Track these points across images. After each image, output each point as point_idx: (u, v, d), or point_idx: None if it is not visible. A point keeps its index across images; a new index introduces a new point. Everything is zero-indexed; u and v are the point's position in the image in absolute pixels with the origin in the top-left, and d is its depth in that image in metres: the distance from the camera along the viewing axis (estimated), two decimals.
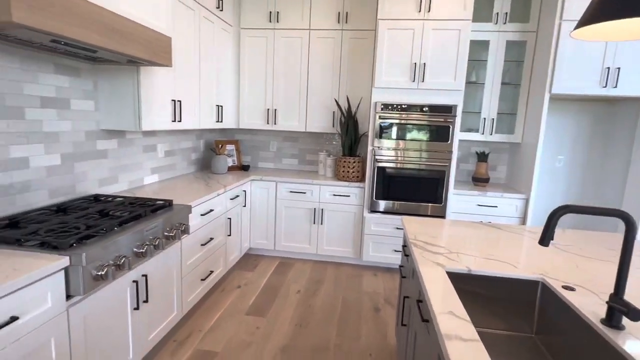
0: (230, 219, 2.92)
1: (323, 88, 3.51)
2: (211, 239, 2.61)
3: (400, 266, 2.05)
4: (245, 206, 3.31)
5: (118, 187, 2.44)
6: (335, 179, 3.41)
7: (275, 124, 3.61)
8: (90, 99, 2.14)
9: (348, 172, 3.33)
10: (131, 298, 1.73)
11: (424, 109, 3.07)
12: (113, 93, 2.18)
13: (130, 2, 1.82)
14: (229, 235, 2.95)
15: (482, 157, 3.40)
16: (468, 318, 1.00)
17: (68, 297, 1.37)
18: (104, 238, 1.52)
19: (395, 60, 3.05)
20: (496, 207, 3.18)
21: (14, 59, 1.67)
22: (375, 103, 3.13)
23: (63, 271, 1.33)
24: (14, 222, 1.58)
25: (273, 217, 3.46)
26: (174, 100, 2.50)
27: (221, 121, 3.29)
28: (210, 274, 2.62)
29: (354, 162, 3.31)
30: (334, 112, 3.52)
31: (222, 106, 3.25)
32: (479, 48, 3.40)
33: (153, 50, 1.93)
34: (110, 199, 2.12)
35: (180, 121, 2.59)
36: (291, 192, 3.39)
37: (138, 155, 2.63)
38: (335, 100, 3.47)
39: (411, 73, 3.05)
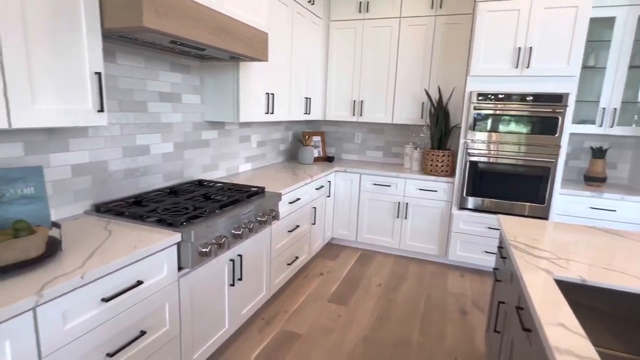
0: (315, 208, 3.02)
1: (412, 78, 3.38)
2: (297, 226, 2.72)
3: (495, 269, 1.90)
4: (329, 196, 3.38)
5: (218, 174, 2.68)
6: (422, 173, 3.28)
7: (361, 115, 3.60)
8: (197, 94, 2.37)
9: (436, 165, 3.17)
10: (228, 275, 1.90)
11: (528, 98, 2.76)
12: (216, 87, 2.38)
13: (235, 1, 1.96)
14: (314, 223, 3.04)
15: (598, 153, 2.96)
16: (584, 333, 0.88)
17: (179, 268, 1.56)
18: (207, 219, 1.68)
19: (495, 45, 2.80)
20: (614, 211, 2.75)
21: (140, 59, 1.93)
22: (470, 93, 2.91)
23: (176, 246, 1.52)
24: (138, 200, 1.84)
25: (356, 208, 3.48)
26: (268, 94, 2.64)
27: (309, 113, 3.39)
28: (295, 259, 2.75)
29: (443, 155, 3.15)
30: (423, 103, 3.38)
31: (310, 98, 3.35)
32: (600, 26, 2.94)
33: (253, 47, 2.05)
34: (212, 184, 2.34)
35: (272, 113, 2.73)
36: (375, 184, 3.37)
37: (235, 145, 2.85)
38: (425, 91, 3.33)
39: (514, 59, 2.76)
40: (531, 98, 2.76)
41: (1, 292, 0.98)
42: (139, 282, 1.34)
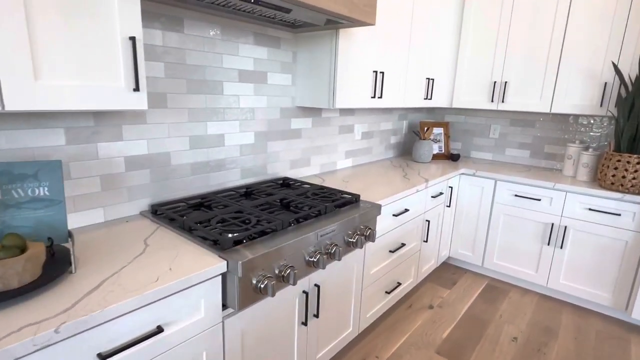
0: (428, 221, 2.33)
1: (590, 47, 2.33)
2: (402, 244, 2.10)
3: None
4: (449, 206, 2.63)
5: (309, 171, 2.24)
6: (595, 186, 2.26)
7: (502, 101, 2.70)
8: (287, 72, 1.94)
9: (623, 177, 2.12)
10: (300, 311, 1.43)
11: None
12: (310, 65, 1.91)
13: None
14: (425, 241, 2.37)
15: None
16: None
17: (224, 306, 1.15)
18: (272, 239, 1.22)
19: None
20: None
21: (216, 28, 1.56)
22: None
23: (220, 277, 1.10)
24: (203, 202, 1.51)
25: (485, 224, 2.64)
26: (376, 72, 2.05)
27: (430, 98, 2.67)
28: (396, 286, 2.14)
29: (638, 162, 2.08)
30: (605, 83, 2.31)
31: (432, 79, 2.62)
32: None
33: (354, 4, 1.49)
34: (297, 184, 1.90)
35: (380, 97, 2.13)
36: (516, 195, 2.47)
37: (333, 136, 2.36)
38: (614, 64, 2.25)
39: None
40: None
41: None
42: (160, 329, 0.96)
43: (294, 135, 2.07)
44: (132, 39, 1.03)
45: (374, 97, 2.09)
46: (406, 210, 2.04)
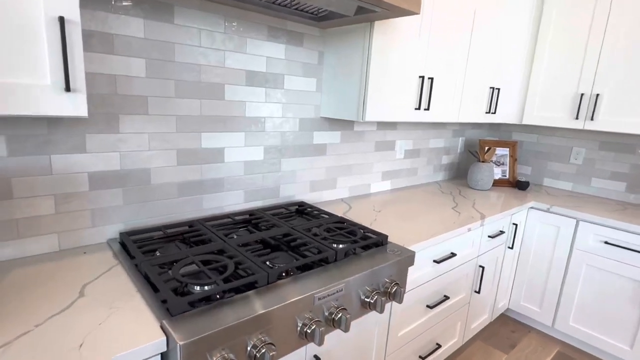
0: (483, 267, 1.84)
1: None
2: (446, 297, 1.64)
3: None
4: (511, 247, 2.10)
5: (334, 194, 1.87)
6: None
7: (591, 119, 2.11)
8: (311, 76, 1.60)
9: None
10: None
11: None
12: (339, 67, 1.55)
13: None
14: (477, 292, 1.87)
15: None
16: None
17: None
18: (245, 302, 0.88)
19: None
20: None
21: (217, 19, 1.27)
22: None
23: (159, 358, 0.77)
24: (185, 232, 1.21)
25: (560, 275, 2.07)
26: (422, 78, 1.63)
27: (494, 112, 2.18)
28: (435, 349, 1.68)
29: None
30: None
31: (498, 89, 2.13)
32: None
33: None
34: (314, 212, 1.54)
35: (427, 109, 1.71)
36: (607, 243, 1.88)
37: (367, 154, 1.97)
38: None
39: None
40: None
41: None
42: None
43: (316, 151, 1.71)
44: (61, 19, 0.75)
45: (419, 108, 1.67)
46: (452, 255, 1.59)
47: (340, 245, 1.21)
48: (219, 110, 1.35)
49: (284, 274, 1.03)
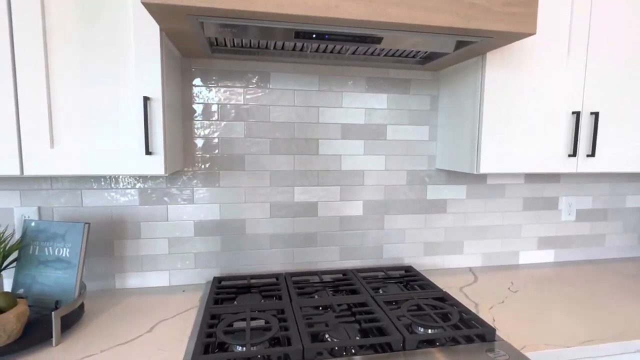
0: None
1: None
2: None
3: None
4: None
5: (460, 261, 1.53)
6: None
7: None
8: (422, 124, 1.43)
9: None
10: None
11: None
12: (452, 111, 1.33)
13: None
14: None
15: None
16: None
17: None
18: None
19: None
20: None
21: (313, 80, 1.32)
22: None
23: None
24: (265, 284, 1.23)
25: None
26: (578, 114, 1.19)
27: None
28: None
29: None
30: None
31: None
32: None
33: (476, 7, 0.90)
34: (418, 282, 1.29)
35: (592, 155, 1.22)
36: None
37: (511, 213, 1.55)
38: None
39: None
40: None
41: None
42: None
43: (432, 208, 1.47)
44: (146, 99, 0.93)
45: (574, 155, 1.21)
46: None
47: (420, 329, 0.95)
48: (313, 164, 1.35)
49: (320, 354, 0.87)
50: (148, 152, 0.94)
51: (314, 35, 0.99)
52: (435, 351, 0.89)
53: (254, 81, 1.28)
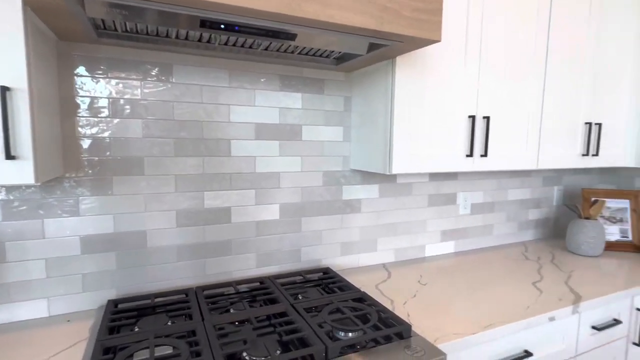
0: None
1: None
2: None
3: None
4: (637, 344, 1.46)
5: (375, 258, 1.58)
6: None
7: None
8: (336, 125, 1.42)
9: None
10: None
11: None
12: (364, 112, 1.35)
13: None
14: None
15: None
16: None
17: None
18: None
19: None
20: None
21: (221, 74, 1.21)
22: None
23: None
24: (173, 302, 1.09)
25: None
26: (473, 118, 1.31)
27: (595, 154, 1.66)
28: None
29: None
30: None
31: (599, 124, 1.63)
32: None
33: (387, 11, 0.91)
34: (337, 282, 1.28)
35: (485, 155, 1.36)
36: None
37: (418, 210, 1.65)
38: None
39: None
40: None
41: None
42: None
43: (347, 208, 1.49)
44: (5, 89, 0.74)
45: (471, 155, 1.33)
46: (527, 355, 1.13)
47: (341, 334, 0.94)
48: (225, 167, 1.25)
49: None
50: (9, 157, 0.75)
51: (222, 26, 0.90)
52: (357, 356, 0.88)
53: (154, 73, 1.13)
